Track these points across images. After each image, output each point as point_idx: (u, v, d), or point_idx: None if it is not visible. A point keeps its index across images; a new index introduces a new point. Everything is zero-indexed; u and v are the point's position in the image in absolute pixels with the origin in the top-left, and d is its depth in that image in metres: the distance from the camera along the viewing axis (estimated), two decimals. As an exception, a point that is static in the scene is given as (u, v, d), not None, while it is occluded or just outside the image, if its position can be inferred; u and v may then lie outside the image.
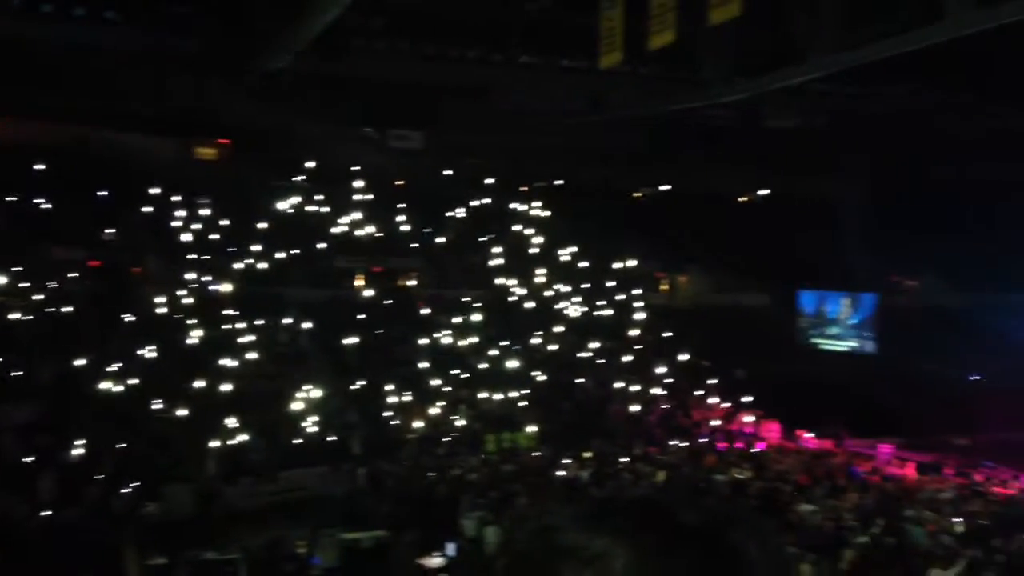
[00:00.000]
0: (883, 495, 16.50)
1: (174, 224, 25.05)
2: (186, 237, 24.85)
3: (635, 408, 24.68)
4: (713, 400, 26.24)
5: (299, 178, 27.57)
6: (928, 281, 31.50)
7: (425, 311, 26.20)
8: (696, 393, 26.43)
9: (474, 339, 25.69)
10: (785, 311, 32.36)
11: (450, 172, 28.92)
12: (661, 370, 26.68)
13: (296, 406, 21.29)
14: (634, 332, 28.05)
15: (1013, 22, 15.82)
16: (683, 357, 27.38)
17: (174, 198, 25.34)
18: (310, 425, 21.15)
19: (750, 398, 26.05)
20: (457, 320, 25.87)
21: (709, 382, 26.81)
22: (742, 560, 1.00)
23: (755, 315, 30.58)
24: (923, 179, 28.98)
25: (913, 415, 24.37)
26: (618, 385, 25.56)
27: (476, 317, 26.23)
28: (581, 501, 1.10)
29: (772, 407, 25.14)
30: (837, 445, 22.80)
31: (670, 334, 28.26)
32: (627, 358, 26.72)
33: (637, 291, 29.59)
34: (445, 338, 25.46)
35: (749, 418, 25.16)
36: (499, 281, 27.67)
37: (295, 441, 20.78)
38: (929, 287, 31.28)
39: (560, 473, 18.87)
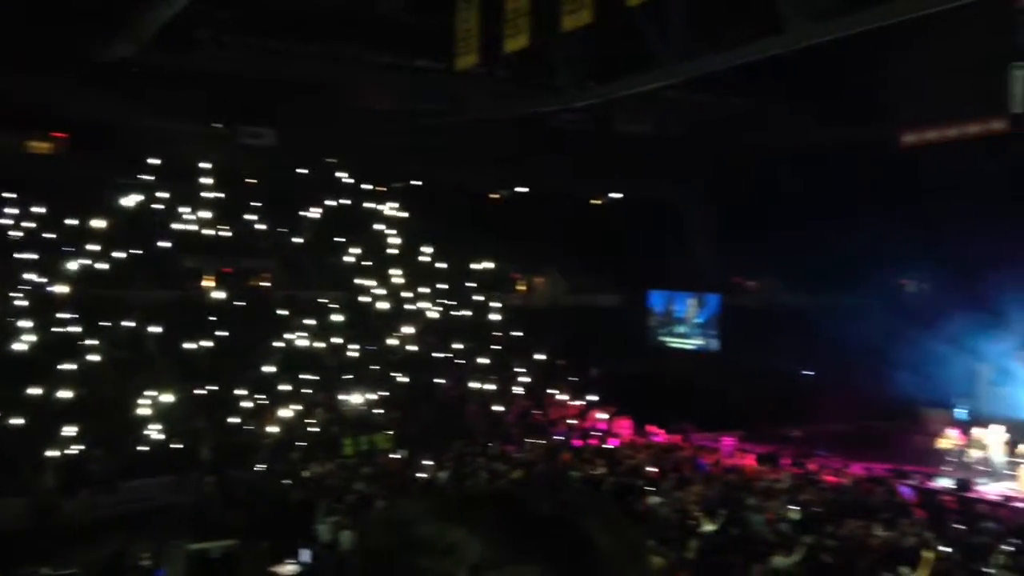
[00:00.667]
0: (726, 486, 17.27)
1: (4, 222, 23.48)
2: (17, 235, 23.34)
3: (493, 408, 24.93)
4: (569, 398, 26.84)
5: (143, 175, 26.34)
6: (768, 282, 33.22)
7: (280, 312, 25.56)
8: (552, 392, 26.94)
9: (331, 341, 25.29)
10: (636, 311, 33.39)
11: (305, 171, 28.31)
12: (518, 370, 27.07)
13: (140, 413, 20.36)
14: (492, 333, 28.32)
15: (850, 38, 16.97)
16: (539, 357, 27.85)
17: (4, 195, 23.74)
18: (155, 433, 20.30)
19: (604, 396, 26.80)
20: (313, 322, 25.40)
21: (565, 381, 27.40)
22: (595, 548, 1.02)
23: (608, 315, 31.41)
24: (765, 186, 30.54)
25: (753, 409, 25.66)
26: (476, 385, 25.75)
27: (333, 318, 25.83)
28: (436, 495, 1.10)
29: (624, 404, 25.92)
30: (684, 439, 23.69)
31: (527, 334, 28.70)
32: (485, 358, 26.95)
33: (494, 292, 29.87)
34: (300, 340, 24.95)
35: (603, 415, 25.83)
36: (356, 282, 27.35)
37: (139, 450, 19.90)
38: (769, 288, 32.99)
39: (419, 474, 18.82)
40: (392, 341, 26.30)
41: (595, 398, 26.77)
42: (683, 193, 33.42)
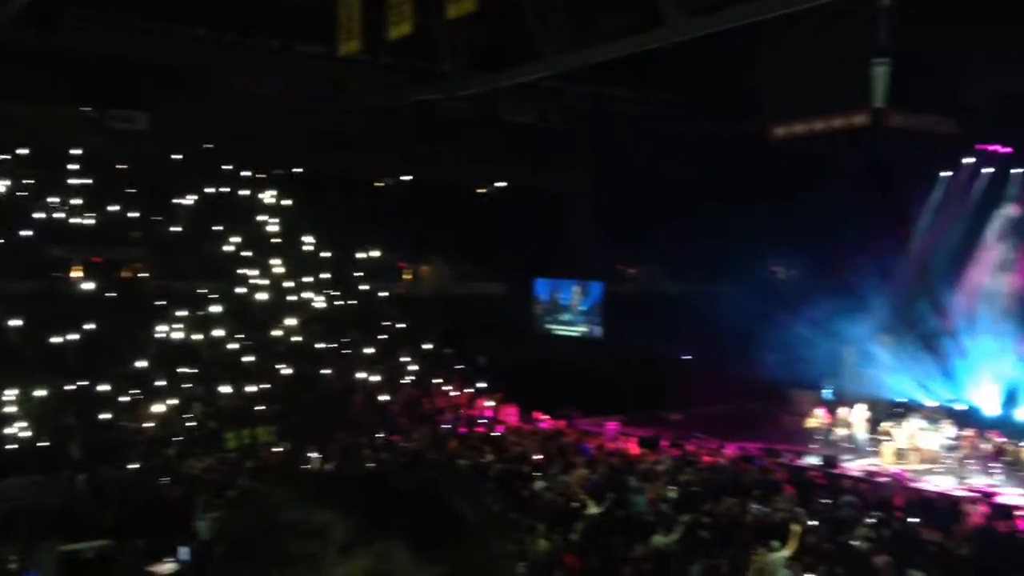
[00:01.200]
0: (610, 469, 17.69)
1: None
2: None
3: (379, 398, 24.74)
4: (455, 387, 26.89)
5: (2, 158, 24.90)
6: (649, 270, 34.06)
7: (154, 304, 24.62)
8: (439, 381, 26.93)
9: (209, 333, 24.56)
10: (522, 299, 33.69)
11: (180, 157, 27.32)
12: (405, 359, 26.94)
13: (4, 410, 19.31)
14: (378, 322, 28.07)
15: (726, 32, 17.57)
16: (426, 346, 27.78)
17: None
18: (21, 431, 19.29)
19: (490, 383, 26.97)
20: (189, 313, 24.59)
21: (451, 369, 27.43)
22: (460, 521, 1.04)
23: (494, 303, 31.59)
24: (646, 176, 31.30)
25: (635, 394, 26.30)
26: (362, 375, 25.50)
27: (211, 309, 25.08)
28: (298, 479, 1.10)
29: (511, 391, 26.15)
30: (569, 425, 24.10)
31: (413, 323, 28.57)
32: (371, 348, 26.70)
33: (380, 281, 29.60)
34: (176, 332, 24.13)
35: (489, 403, 26.00)
36: (236, 272, 26.62)
37: (4, 448, 18.88)
38: (650, 275, 33.83)
39: (303, 467, 18.52)
40: (275, 332, 25.75)
41: (482, 386, 26.91)
42: (567, 182, 33.89)
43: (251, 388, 23.21)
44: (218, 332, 24.64)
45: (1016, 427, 21.61)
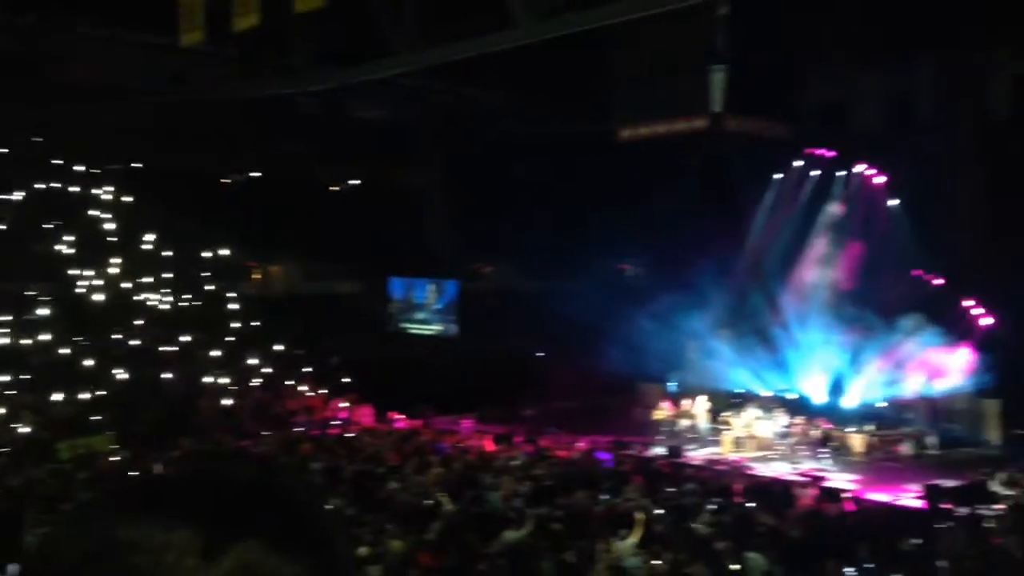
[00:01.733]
0: (465, 467, 17.78)
1: None
2: None
3: (227, 402, 23.93)
4: (308, 388, 26.35)
5: None
6: (503, 268, 34.44)
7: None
8: (291, 383, 26.31)
9: (38, 337, 23.07)
10: (376, 298, 33.38)
11: (6, 150, 25.51)
12: (254, 361, 26.16)
13: None
14: (225, 323, 27.12)
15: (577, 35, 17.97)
16: (277, 347, 27.07)
17: None
18: None
19: (344, 384, 26.59)
20: (15, 317, 23.03)
21: (304, 371, 26.86)
22: (293, 501, 1.02)
23: (348, 303, 31.15)
24: (499, 175, 31.62)
25: (490, 391, 26.56)
26: (209, 379, 24.58)
27: (40, 312, 23.57)
28: (126, 488, 1.04)
29: (365, 392, 25.87)
30: (425, 424, 24.07)
31: (263, 324, 27.78)
32: (218, 351, 25.77)
33: (228, 281, 28.61)
34: (2, 337, 22.55)
35: (343, 404, 25.63)
36: (69, 272, 25.10)
37: None
38: (504, 274, 34.21)
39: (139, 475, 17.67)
40: (113, 335, 24.45)
41: (335, 387, 26.49)
42: (421, 180, 33.81)
43: (86, 395, 21.97)
44: (48, 336, 23.19)
45: (842, 415, 23.16)
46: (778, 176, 26.89)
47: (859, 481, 19.04)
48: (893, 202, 25.09)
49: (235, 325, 27.27)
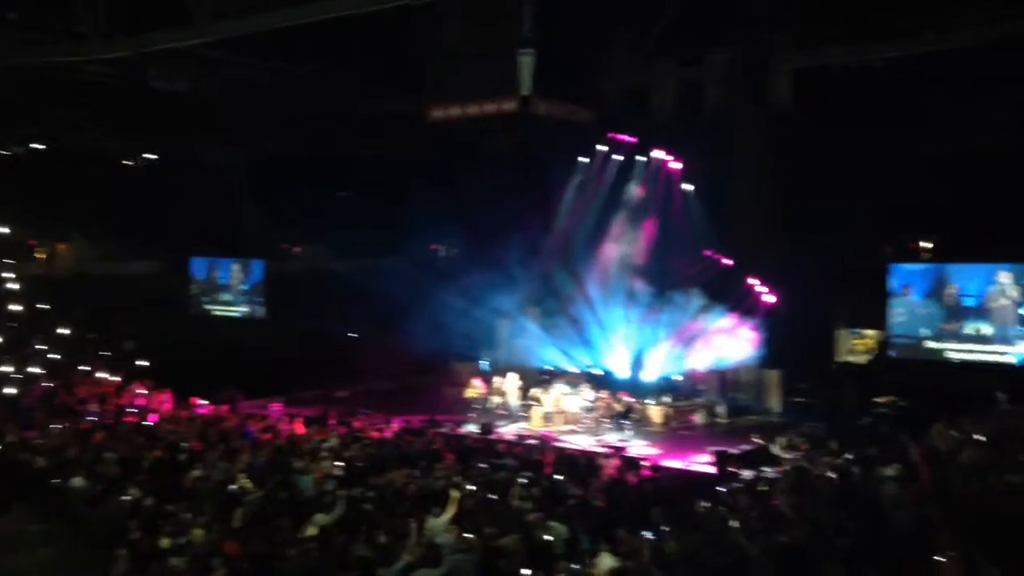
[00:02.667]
0: (275, 451, 17.35)
1: None
2: None
3: (8, 391, 22.16)
4: (101, 375, 24.84)
5: None
6: (314, 248, 33.74)
7: None
8: (82, 369, 24.70)
9: None
10: (177, 278, 31.88)
11: None
12: (40, 347, 24.36)
13: None
14: (3, 307, 25.06)
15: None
16: (65, 331, 25.31)
17: None
18: None
19: (142, 369, 25.29)
20: None
21: (96, 356, 25.29)
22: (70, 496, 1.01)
23: (145, 283, 29.58)
24: (311, 152, 30.84)
25: (301, 373, 26.08)
26: (-14, 367, 22.68)
27: None
28: None
29: (166, 377, 24.68)
30: (231, 409, 23.26)
31: (49, 307, 25.88)
32: (-3, 336, 23.81)
33: (8, 261, 26.41)
34: None
35: (141, 390, 24.33)
36: None
37: None
38: (314, 254, 33.53)
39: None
40: None
41: (131, 372, 25.12)
42: (225, 156, 32.44)
43: None
44: None
45: (642, 388, 24.44)
46: (584, 160, 27.82)
47: (658, 449, 20.19)
48: (687, 187, 26.58)
49: (15, 308, 25.25)
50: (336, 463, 16.24)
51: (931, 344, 23.74)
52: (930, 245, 27.23)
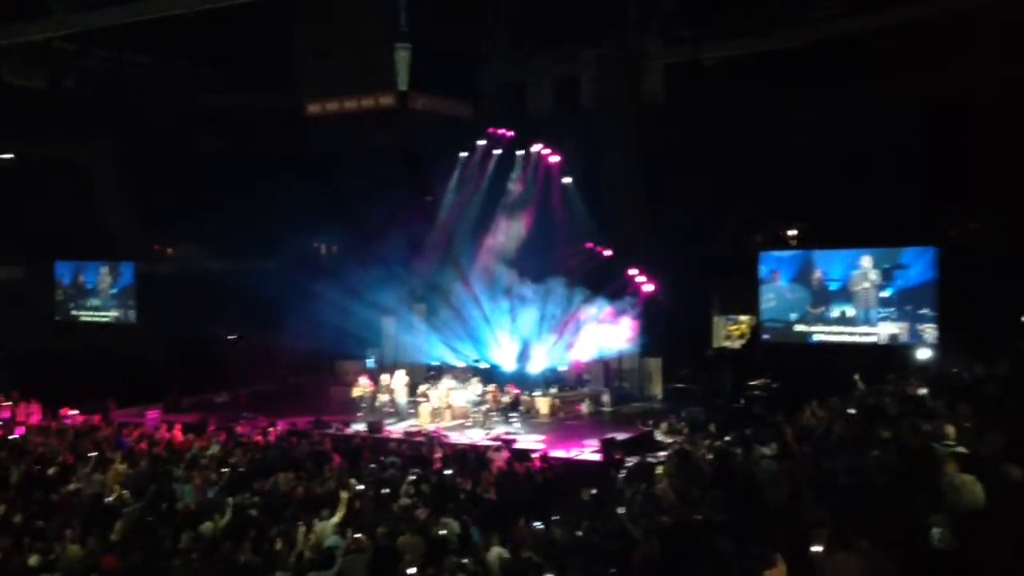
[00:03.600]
0: (152, 461, 16.73)
1: None
2: None
3: None
4: (-42, 389, 23.37)
5: None
6: (189, 249, 32.58)
7: None
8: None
9: None
10: (40, 284, 30.32)
11: None
12: None
13: None
14: None
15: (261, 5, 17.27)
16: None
17: None
18: None
19: (5, 380, 23.93)
20: None
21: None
22: None
23: (5, 290, 28.03)
24: (181, 149, 29.75)
25: (179, 378, 25.23)
26: None
27: None
28: None
29: (32, 387, 23.43)
30: (104, 418, 22.27)
31: None
32: None
33: None
34: None
35: (5, 403, 23.01)
36: None
37: None
38: (190, 255, 32.38)
39: None
40: None
41: None
42: (89, 155, 30.93)
43: None
44: None
45: (529, 380, 24.72)
46: (464, 155, 27.87)
47: (546, 440, 20.46)
48: (567, 180, 27.00)
49: None
50: (220, 470, 15.79)
51: (800, 327, 24.88)
52: (796, 233, 28.50)
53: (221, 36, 24.41)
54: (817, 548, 5.89)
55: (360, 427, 21.89)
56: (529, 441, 20.37)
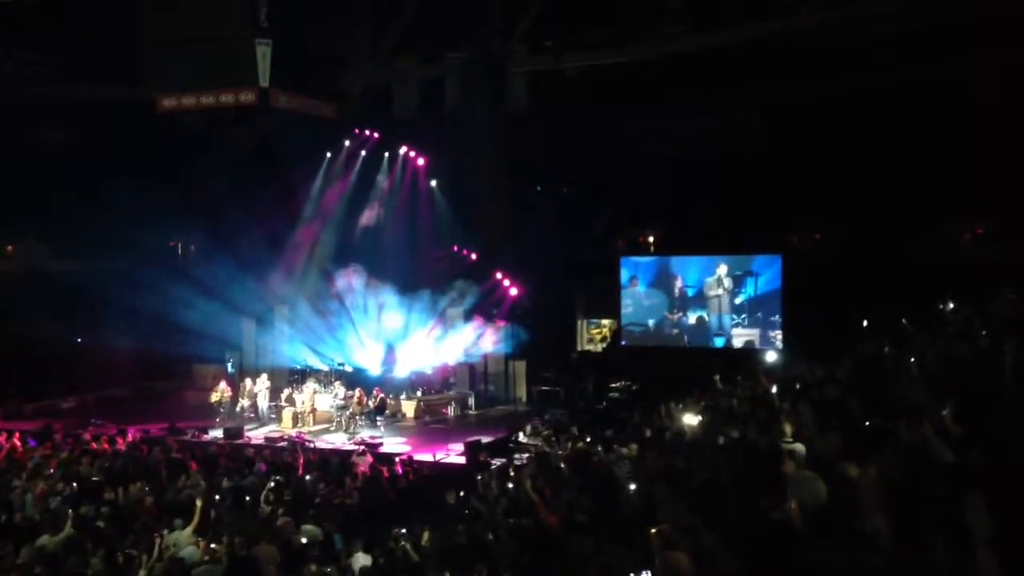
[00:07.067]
0: (-11, 473, 15.71)
1: None
2: None
3: None
4: None
5: None
6: (27, 247, 30.67)
7: None
8: None
9: None
10: None
11: None
12: None
13: None
14: None
15: None
16: None
17: None
18: None
19: None
20: None
21: None
22: None
23: None
24: (20, 144, 27.95)
25: (18, 384, 23.80)
26: None
27: None
28: None
29: None
30: (-66, 428, 20.72)
31: None
32: None
33: None
34: None
35: None
36: None
37: None
38: (29, 253, 30.48)
39: None
40: None
41: None
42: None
43: None
44: None
45: (395, 383, 24.58)
46: (329, 154, 27.46)
47: (411, 444, 20.39)
48: (433, 182, 27.01)
49: None
50: (65, 480, 14.97)
51: (658, 331, 25.75)
52: (653, 239, 29.45)
53: (64, 23, 23.12)
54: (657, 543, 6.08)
55: (218, 433, 21.18)
56: (394, 445, 20.26)
